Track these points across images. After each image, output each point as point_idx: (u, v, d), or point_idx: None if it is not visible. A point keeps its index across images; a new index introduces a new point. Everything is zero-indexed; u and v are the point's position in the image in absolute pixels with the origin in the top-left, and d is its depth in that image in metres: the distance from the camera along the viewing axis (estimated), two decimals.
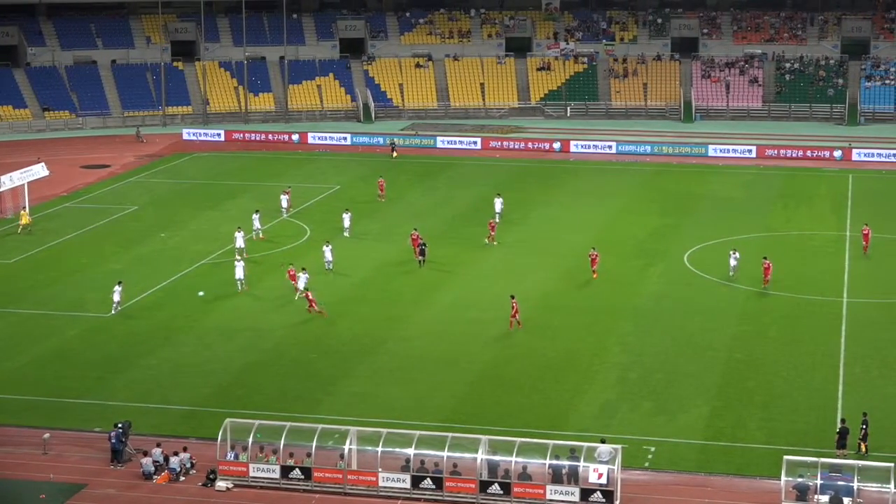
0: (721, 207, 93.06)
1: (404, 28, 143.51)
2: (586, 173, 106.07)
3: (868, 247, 78.35)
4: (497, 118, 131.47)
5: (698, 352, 62.43)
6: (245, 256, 76.76)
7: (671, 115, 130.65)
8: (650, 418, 54.57)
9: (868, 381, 58.54)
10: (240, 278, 71.32)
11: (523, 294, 70.76)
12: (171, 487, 48.40)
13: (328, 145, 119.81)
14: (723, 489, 48.50)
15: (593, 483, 46.72)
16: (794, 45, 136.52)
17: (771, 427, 53.69)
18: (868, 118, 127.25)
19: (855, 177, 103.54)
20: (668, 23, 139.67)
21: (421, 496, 47.53)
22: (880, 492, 45.52)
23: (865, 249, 78.43)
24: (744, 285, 72.44)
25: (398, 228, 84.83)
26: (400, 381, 58.90)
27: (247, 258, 76.57)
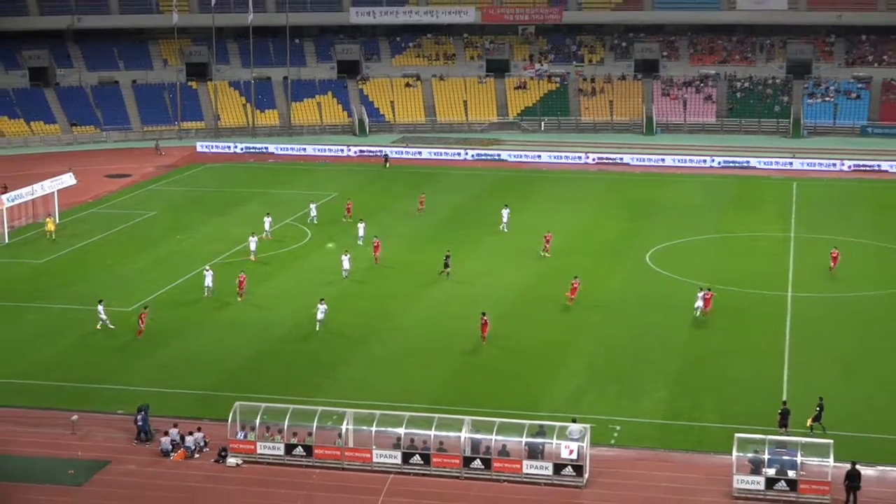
0: (679, 212, 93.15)
1: (395, 51, 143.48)
2: (559, 182, 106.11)
3: (835, 267, 74.04)
4: (478, 132, 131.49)
5: (659, 341, 62.55)
6: (254, 259, 76.83)
7: (634, 129, 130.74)
8: (616, 401, 54.67)
9: (810, 367, 58.66)
10: (208, 285, 70.21)
11: (503, 291, 71.07)
12: (186, 464, 48.45)
13: (327, 156, 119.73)
14: (681, 464, 48.63)
15: (565, 458, 46.82)
16: (744, 67, 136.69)
17: (723, 408, 53.82)
18: (810, 132, 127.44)
19: (798, 184, 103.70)
20: (632, 46, 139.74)
21: (411, 471, 47.58)
22: (821, 465, 45.70)
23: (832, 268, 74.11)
24: (700, 281, 72.46)
25: (391, 231, 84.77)
26: (392, 368, 58.97)
27: (255, 261, 76.67)
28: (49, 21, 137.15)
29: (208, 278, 70.20)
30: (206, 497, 45.92)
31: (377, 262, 76.21)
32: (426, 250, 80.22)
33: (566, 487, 46.39)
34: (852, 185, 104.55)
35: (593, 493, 46.07)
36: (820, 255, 79.16)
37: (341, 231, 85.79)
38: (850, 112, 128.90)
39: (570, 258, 78.43)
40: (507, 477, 47.20)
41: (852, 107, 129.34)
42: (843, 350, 61.04)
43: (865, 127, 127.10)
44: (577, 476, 46.65)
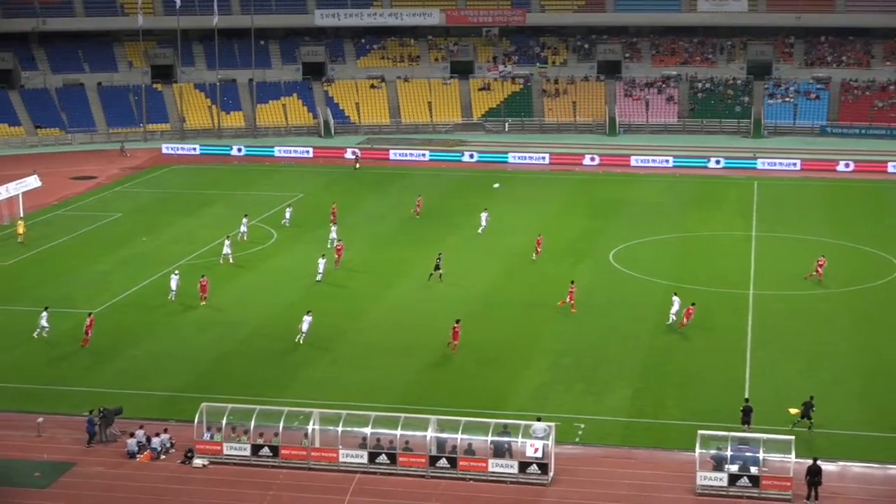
0: (642, 211, 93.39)
1: (360, 53, 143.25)
2: (523, 182, 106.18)
3: (822, 274, 72.56)
4: (443, 133, 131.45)
5: (622, 339, 62.69)
6: (231, 262, 76.60)
7: (597, 129, 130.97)
8: (580, 398, 54.74)
9: (771, 364, 58.96)
10: (174, 289, 69.56)
11: (468, 291, 71.04)
12: (152, 465, 48.18)
13: (292, 158, 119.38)
14: (645, 461, 48.74)
15: (530, 457, 46.87)
16: (705, 68, 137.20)
17: (687, 405, 53.99)
18: (771, 132, 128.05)
19: (759, 184, 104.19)
20: (595, 48, 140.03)
21: (377, 470, 47.49)
22: (782, 461, 45.92)
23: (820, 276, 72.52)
24: (663, 280, 72.75)
25: (356, 230, 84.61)
26: (358, 368, 58.84)
27: (232, 263, 76.47)
28: (14, 23, 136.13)
29: (174, 281, 69.75)
30: (173, 498, 45.65)
31: (337, 265, 75.81)
32: (391, 250, 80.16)
33: (531, 485, 46.43)
34: (812, 184, 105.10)
35: (558, 491, 46.10)
36: (781, 252, 79.67)
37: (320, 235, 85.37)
38: (809, 112, 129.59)
39: (526, 259, 78.48)
40: (472, 475, 47.19)
41: (812, 107, 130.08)
42: (804, 347, 61.36)
43: (825, 127, 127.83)
44: (543, 474, 46.69)
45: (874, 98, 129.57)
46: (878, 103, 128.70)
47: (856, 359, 59.77)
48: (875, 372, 57.95)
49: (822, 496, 45.07)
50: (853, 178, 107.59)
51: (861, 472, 47.71)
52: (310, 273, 74.42)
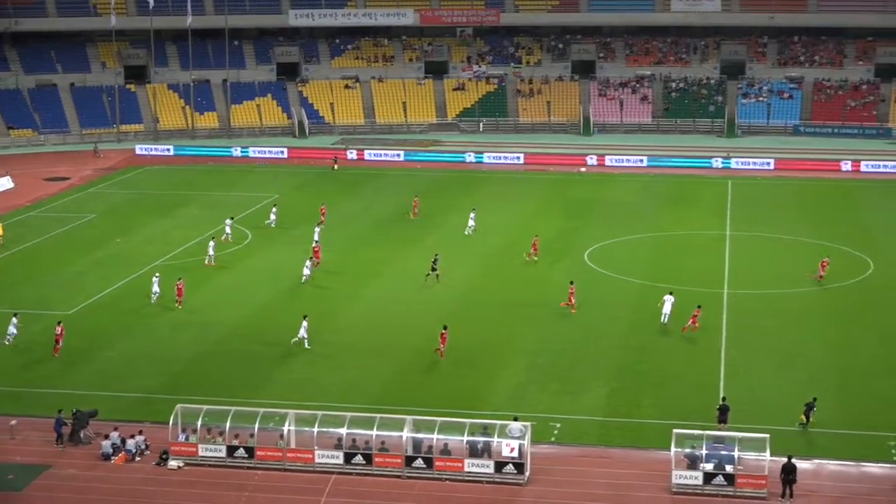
0: (617, 211, 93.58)
1: (334, 53, 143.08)
2: (497, 182, 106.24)
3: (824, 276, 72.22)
4: (418, 133, 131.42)
5: (598, 339, 62.79)
6: (213, 264, 76.34)
7: (572, 129, 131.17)
8: (556, 398, 54.82)
9: (746, 362, 59.16)
10: (156, 291, 69.06)
11: (444, 291, 71.04)
12: (127, 467, 48.02)
13: (267, 158, 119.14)
14: (620, 460, 48.84)
15: (506, 456, 46.91)
16: (679, 67, 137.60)
17: (662, 404, 54.13)
18: (744, 131, 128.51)
19: (733, 183, 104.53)
20: (569, 48, 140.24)
21: (353, 471, 47.47)
22: (757, 459, 46.11)
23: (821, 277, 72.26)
24: (638, 279, 72.93)
25: (332, 231, 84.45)
26: (333, 369, 58.77)
27: (214, 266, 76.21)
28: None
29: (155, 283, 69.38)
30: (148, 500, 45.48)
31: (316, 266, 75.63)
32: (367, 251, 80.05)
33: (508, 485, 46.47)
34: (786, 183, 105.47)
35: (534, 490, 46.15)
36: (755, 251, 79.97)
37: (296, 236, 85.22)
38: (782, 112, 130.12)
39: (509, 257, 78.59)
40: (449, 475, 47.20)
41: (785, 106, 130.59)
42: (778, 345, 61.59)
43: (798, 126, 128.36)
44: (519, 474, 46.74)
45: (847, 97, 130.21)
46: (851, 102, 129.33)
47: (830, 357, 60.03)
48: (849, 370, 58.22)
49: (796, 494, 45.26)
50: (825, 176, 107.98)
51: (836, 470, 47.93)
52: (285, 274, 74.43)
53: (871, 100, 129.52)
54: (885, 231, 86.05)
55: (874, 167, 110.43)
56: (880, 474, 47.57)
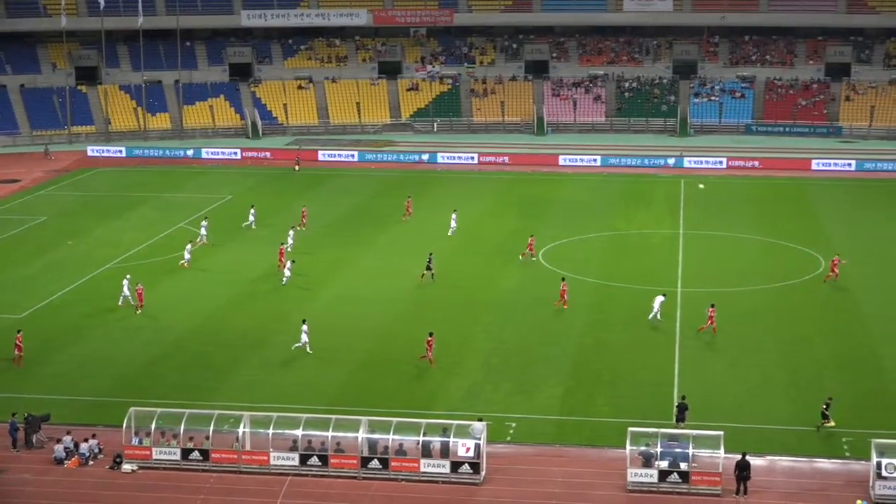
0: (571, 210, 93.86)
1: (287, 54, 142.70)
2: (452, 182, 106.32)
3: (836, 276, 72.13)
4: (371, 133, 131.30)
5: (553, 338, 62.98)
6: (186, 266, 75.84)
7: (525, 129, 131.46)
8: (511, 398, 54.93)
9: (700, 360, 59.55)
10: (125, 294, 68.58)
11: (399, 291, 71.01)
12: (81, 471, 47.70)
13: (220, 160, 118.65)
14: (576, 458, 49.02)
15: (462, 456, 46.97)
16: (632, 67, 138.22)
17: (617, 403, 54.38)
18: (697, 130, 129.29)
19: (686, 182, 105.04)
20: (522, 48, 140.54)
21: (308, 472, 47.40)
22: (712, 457, 46.40)
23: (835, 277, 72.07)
24: (592, 279, 73.20)
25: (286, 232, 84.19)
26: (288, 370, 58.64)
27: (187, 267, 75.80)
28: None
29: (125, 286, 68.77)
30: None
31: (280, 268, 75.34)
32: (321, 252, 79.84)
33: (463, 485, 46.53)
34: (738, 182, 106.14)
35: (490, 490, 46.24)
36: (708, 249, 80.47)
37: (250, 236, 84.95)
38: (734, 111, 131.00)
39: (464, 257, 78.70)
40: (404, 476, 47.20)
41: (737, 106, 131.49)
42: (731, 343, 62.00)
43: (750, 125, 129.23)
44: (475, 473, 46.80)
45: (798, 96, 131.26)
46: (802, 102, 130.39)
47: (782, 354, 60.50)
48: (801, 367, 58.70)
49: (750, 490, 45.62)
50: (777, 175, 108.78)
51: (789, 466, 48.32)
52: (241, 276, 74.30)
53: (821, 99, 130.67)
54: (835, 229, 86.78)
55: (825, 165, 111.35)
56: (832, 470, 48.00)
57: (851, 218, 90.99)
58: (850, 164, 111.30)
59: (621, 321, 65.66)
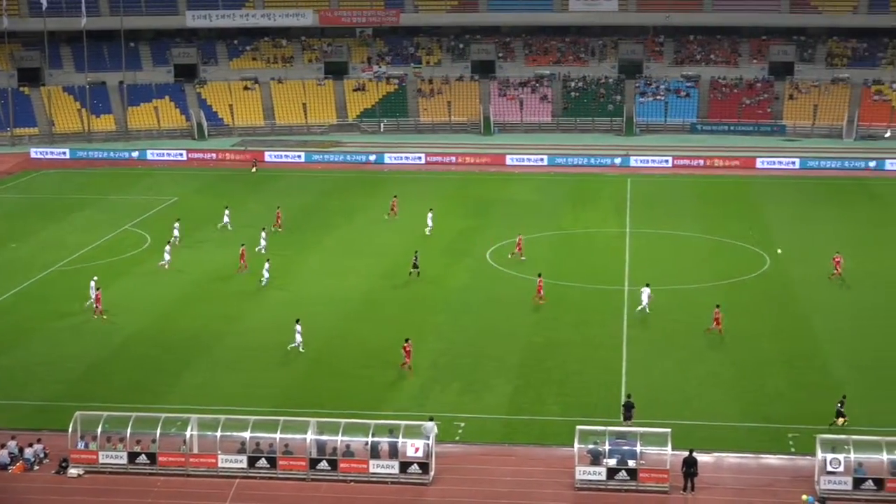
0: (518, 210, 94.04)
1: (233, 54, 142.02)
2: (399, 182, 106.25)
3: (840, 273, 72.84)
4: (318, 134, 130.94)
5: (501, 337, 63.12)
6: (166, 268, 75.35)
7: (472, 129, 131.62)
8: (460, 397, 55.00)
9: (647, 358, 59.88)
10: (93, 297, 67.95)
11: (347, 291, 70.94)
12: (26, 476, 47.26)
13: (165, 161, 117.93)
14: (525, 457, 49.16)
15: (411, 456, 46.97)
16: (578, 67, 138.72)
17: (566, 401, 54.57)
18: (643, 129, 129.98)
19: (633, 181, 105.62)
20: (468, 48, 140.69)
21: (257, 474, 47.23)
22: (659, 454, 46.68)
23: (839, 274, 72.78)
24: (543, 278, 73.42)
25: (235, 235, 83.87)
26: (236, 372, 58.37)
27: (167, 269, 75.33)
28: None
29: (93, 289, 68.17)
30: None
31: (245, 268, 75.02)
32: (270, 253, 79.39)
33: (412, 485, 46.53)
34: (683, 180, 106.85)
35: (439, 490, 46.28)
36: (655, 247, 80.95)
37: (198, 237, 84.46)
38: (679, 110, 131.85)
39: (410, 257, 78.58)
40: (353, 477, 47.13)
41: (682, 105, 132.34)
42: (678, 340, 62.42)
43: (695, 124, 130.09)
44: (424, 473, 46.82)
45: (742, 95, 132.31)
46: (746, 100, 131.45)
47: (728, 351, 60.96)
48: (747, 363, 59.16)
49: (698, 487, 45.93)
50: (722, 173, 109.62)
51: (735, 463, 48.71)
52: (187, 278, 73.88)
53: (765, 97, 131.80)
54: (779, 227, 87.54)
55: (769, 164, 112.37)
56: (779, 465, 48.44)
57: (795, 215, 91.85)
58: (793, 163, 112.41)
59: (570, 320, 65.90)
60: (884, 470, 45.73)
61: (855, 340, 62.47)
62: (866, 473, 45.74)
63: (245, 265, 75.00)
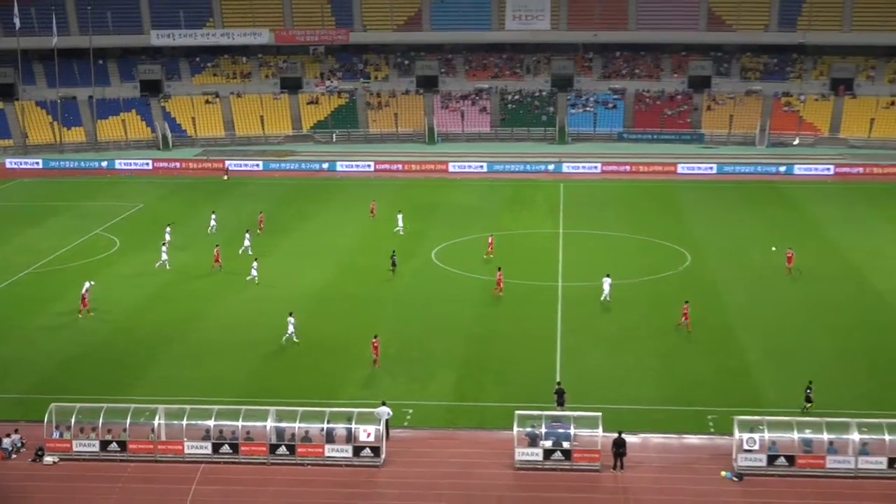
0: (460, 213, 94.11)
1: (195, 71, 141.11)
2: (350, 188, 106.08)
3: (792, 268, 73.92)
4: (275, 144, 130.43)
5: (446, 330, 63.19)
6: (167, 268, 74.92)
7: (418, 138, 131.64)
8: (408, 386, 55.02)
9: (579, 349, 60.16)
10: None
11: (303, 289, 70.72)
12: (4, 464, 46.82)
13: (133, 170, 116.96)
14: (468, 440, 49.28)
15: (363, 441, 46.98)
16: (514, 81, 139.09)
17: (505, 389, 54.74)
18: (574, 138, 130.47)
19: (565, 185, 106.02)
20: (414, 64, 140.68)
21: (220, 459, 47.06)
22: (591, 436, 46.98)
23: (790, 271, 73.81)
24: (480, 276, 73.59)
25: (197, 238, 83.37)
26: (200, 365, 58.08)
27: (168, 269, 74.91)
28: None
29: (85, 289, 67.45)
30: (26, 495, 44.44)
31: (221, 267, 74.76)
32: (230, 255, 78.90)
33: (365, 468, 46.54)
34: (611, 185, 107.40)
35: (390, 472, 46.33)
36: (585, 246, 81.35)
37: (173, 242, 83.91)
38: (607, 120, 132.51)
39: (362, 256, 78.66)
40: (310, 461, 47.07)
41: (609, 115, 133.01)
42: (607, 332, 62.76)
43: (621, 133, 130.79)
44: (375, 457, 46.84)
45: (664, 107, 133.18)
46: (668, 111, 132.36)
47: (653, 341, 61.37)
48: (670, 352, 59.62)
49: (626, 465, 46.31)
50: (647, 178, 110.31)
51: (660, 443, 49.10)
52: (153, 279, 73.37)
53: (685, 108, 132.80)
54: (699, 226, 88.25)
55: (689, 169, 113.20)
56: (699, 444, 48.89)
57: (713, 216, 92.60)
58: (711, 168, 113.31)
59: (508, 314, 66.08)
60: (795, 447, 46.32)
61: (768, 329, 63.11)
62: (779, 451, 46.29)
63: (220, 264, 74.68)
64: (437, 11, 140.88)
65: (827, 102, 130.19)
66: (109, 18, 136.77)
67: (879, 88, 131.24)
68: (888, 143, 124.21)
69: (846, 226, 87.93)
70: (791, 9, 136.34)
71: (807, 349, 59.80)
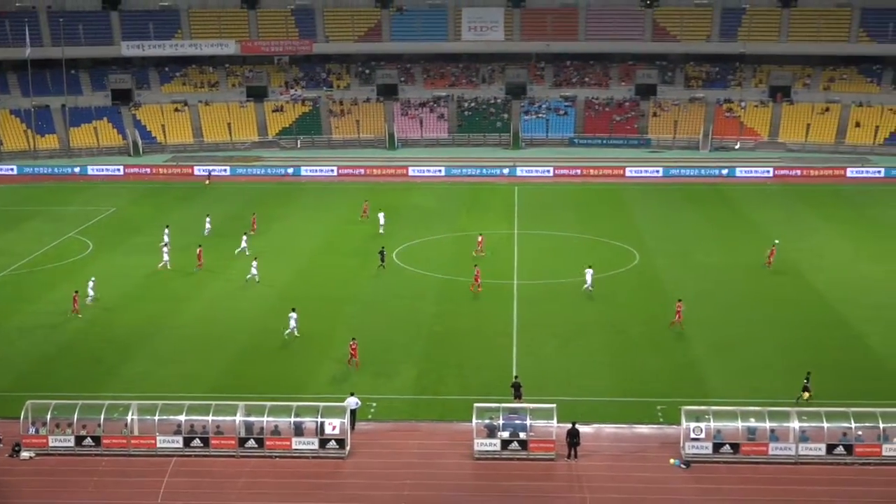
0: (420, 215, 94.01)
1: (164, 80, 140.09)
2: (314, 192, 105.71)
3: (772, 263, 74.57)
4: (242, 150, 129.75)
5: (407, 327, 63.11)
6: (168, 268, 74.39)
7: (378, 144, 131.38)
8: (372, 381, 54.90)
9: (534, 343, 60.26)
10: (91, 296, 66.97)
11: (270, 289, 70.36)
12: None
13: (105, 175, 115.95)
14: (429, 432, 49.27)
15: (329, 434, 46.84)
16: (470, 89, 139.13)
17: (464, 382, 54.77)
18: (527, 143, 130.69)
19: (519, 188, 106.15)
20: (374, 73, 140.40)
21: (192, 453, 46.79)
22: (546, 426, 47.08)
23: (769, 264, 74.47)
24: (439, 274, 73.53)
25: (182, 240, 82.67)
26: (172, 362, 57.67)
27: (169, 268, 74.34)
28: None
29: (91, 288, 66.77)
30: (3, 489, 43.87)
31: (201, 266, 74.35)
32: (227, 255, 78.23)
33: (331, 459, 46.40)
34: (563, 188, 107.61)
35: (354, 463, 46.23)
36: (538, 246, 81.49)
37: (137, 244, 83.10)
38: (559, 126, 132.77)
39: (326, 257, 78.43)
40: (278, 453, 46.86)
41: (561, 122, 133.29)
42: (560, 327, 62.88)
43: (572, 139, 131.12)
44: (340, 448, 46.72)
45: (613, 113, 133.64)
46: (616, 118, 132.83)
47: (605, 336, 61.59)
48: (621, 347, 59.86)
49: (580, 454, 46.44)
50: (596, 181, 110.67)
51: (613, 432, 49.28)
52: (126, 280, 72.80)
53: (632, 115, 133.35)
54: (647, 227, 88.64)
55: (637, 172, 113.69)
56: (649, 434, 49.13)
57: (659, 217, 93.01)
58: (657, 171, 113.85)
59: (466, 311, 66.08)
60: (739, 436, 46.64)
61: (713, 324, 63.49)
62: (724, 439, 46.59)
63: (201, 264, 74.38)
64: (397, 23, 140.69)
65: (766, 109, 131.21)
66: (81, 30, 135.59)
67: (815, 95, 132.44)
68: (823, 147, 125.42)
69: (786, 225, 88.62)
70: (732, 21, 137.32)
71: (750, 343, 60.20)
